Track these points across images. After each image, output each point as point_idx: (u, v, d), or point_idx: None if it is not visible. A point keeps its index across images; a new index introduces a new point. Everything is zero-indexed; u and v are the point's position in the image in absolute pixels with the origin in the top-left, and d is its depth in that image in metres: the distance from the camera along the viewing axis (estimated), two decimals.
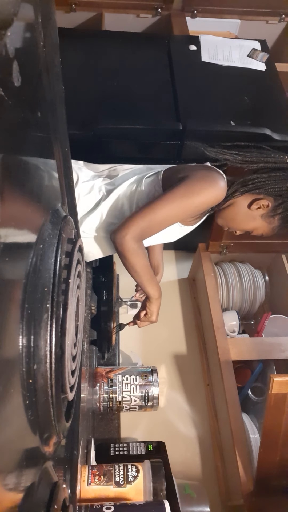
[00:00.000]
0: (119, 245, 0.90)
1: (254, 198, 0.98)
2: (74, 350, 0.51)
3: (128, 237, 0.89)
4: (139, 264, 0.94)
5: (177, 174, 0.96)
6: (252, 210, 0.99)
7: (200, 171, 0.95)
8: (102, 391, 1.14)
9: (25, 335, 0.36)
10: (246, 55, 1.68)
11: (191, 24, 1.94)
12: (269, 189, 0.96)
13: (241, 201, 0.99)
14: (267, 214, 0.99)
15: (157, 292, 1.03)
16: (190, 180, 0.91)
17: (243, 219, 1.01)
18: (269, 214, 0.99)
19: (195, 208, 0.93)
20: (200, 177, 0.92)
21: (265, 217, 0.99)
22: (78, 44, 1.64)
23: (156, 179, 0.99)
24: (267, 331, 1.52)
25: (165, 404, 1.44)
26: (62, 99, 0.52)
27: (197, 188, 0.91)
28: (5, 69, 0.31)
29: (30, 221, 0.40)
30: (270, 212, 0.98)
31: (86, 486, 0.86)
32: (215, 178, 0.93)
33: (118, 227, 0.91)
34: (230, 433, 1.20)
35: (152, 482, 0.87)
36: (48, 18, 0.43)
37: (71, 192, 0.61)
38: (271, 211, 0.98)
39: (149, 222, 0.90)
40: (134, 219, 0.90)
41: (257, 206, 0.98)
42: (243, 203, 0.99)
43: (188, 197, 0.90)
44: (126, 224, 0.90)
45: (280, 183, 0.96)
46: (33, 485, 0.40)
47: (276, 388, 0.90)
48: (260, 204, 0.97)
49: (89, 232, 1.04)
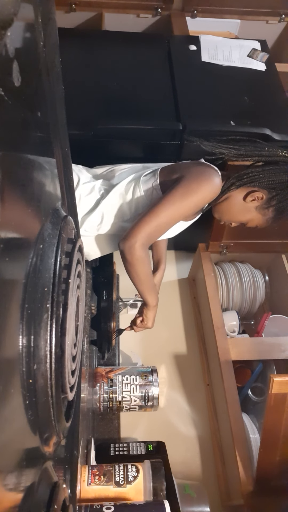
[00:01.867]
0: (128, 253, 0.92)
1: (249, 190, 1.02)
2: (74, 350, 0.51)
3: (138, 245, 0.91)
4: (144, 272, 0.96)
5: (174, 173, 0.99)
6: (247, 202, 1.03)
7: (195, 169, 0.98)
8: (102, 391, 1.14)
9: (25, 335, 0.36)
10: (246, 55, 1.67)
11: (191, 24, 1.94)
12: (263, 182, 1.00)
13: (236, 194, 1.03)
14: (262, 206, 1.03)
15: (155, 300, 1.07)
16: (186, 180, 0.95)
17: (239, 211, 1.05)
18: (264, 206, 1.02)
19: (194, 206, 0.96)
20: (196, 175, 0.96)
21: (260, 209, 1.03)
22: (78, 44, 1.64)
23: (153, 178, 1.01)
24: (267, 331, 1.52)
25: (165, 404, 1.44)
26: (62, 99, 0.52)
27: (195, 186, 0.94)
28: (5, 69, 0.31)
29: (30, 221, 0.40)
30: (265, 204, 1.02)
31: (86, 486, 0.86)
32: (210, 175, 0.96)
33: (125, 235, 0.93)
34: (230, 433, 1.20)
35: (152, 482, 0.87)
36: (48, 18, 0.43)
37: (71, 192, 0.61)
38: (265, 203, 1.02)
39: (155, 227, 0.92)
40: (140, 226, 0.92)
41: (252, 199, 1.02)
42: (238, 196, 1.03)
43: (187, 196, 0.93)
44: (133, 232, 0.92)
45: (273, 176, 0.99)
46: (33, 485, 0.40)
47: (276, 388, 0.90)
48: (255, 196, 1.01)
49: (89, 231, 1.05)
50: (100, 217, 1.02)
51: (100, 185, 1.04)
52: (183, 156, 1.39)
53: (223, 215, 1.09)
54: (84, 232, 1.05)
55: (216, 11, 1.98)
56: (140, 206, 1.01)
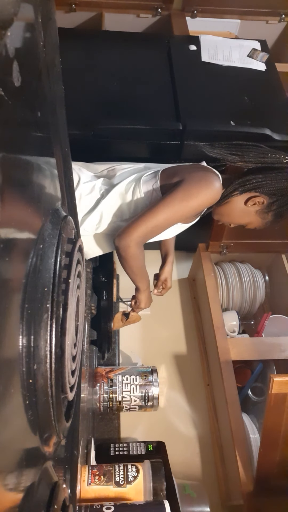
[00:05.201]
0: (122, 251, 0.95)
1: (251, 195, 1.03)
2: (74, 350, 0.51)
3: (132, 244, 0.94)
4: (137, 266, 1.00)
5: (175, 176, 0.99)
6: (248, 207, 1.04)
7: (196, 173, 0.99)
8: (102, 391, 1.14)
9: (25, 335, 0.36)
10: (246, 55, 1.67)
11: (191, 24, 1.94)
12: (265, 188, 1.01)
13: (237, 198, 1.04)
14: (262, 211, 1.04)
15: (145, 284, 1.11)
16: (187, 184, 0.96)
17: (239, 215, 1.07)
18: (264, 210, 1.04)
19: (193, 210, 0.98)
20: (197, 180, 0.97)
21: (260, 213, 1.05)
22: (78, 44, 1.63)
23: (154, 179, 1.02)
24: (267, 331, 1.52)
25: (165, 404, 1.44)
26: (62, 99, 0.52)
27: (195, 191, 0.95)
28: (5, 69, 0.31)
29: (30, 221, 0.40)
30: (265, 208, 1.04)
31: (86, 486, 0.86)
32: (211, 180, 0.97)
33: (121, 233, 0.95)
34: (230, 433, 1.20)
35: (152, 482, 0.87)
36: (48, 18, 0.43)
37: (71, 192, 0.61)
38: (265, 208, 1.04)
39: (151, 227, 0.94)
40: (137, 225, 0.93)
41: (253, 203, 1.03)
42: (239, 200, 1.04)
43: (186, 200, 0.95)
44: (129, 230, 0.94)
45: (276, 183, 1.01)
46: (33, 485, 0.40)
47: (276, 388, 0.90)
48: (256, 201, 1.03)
49: (89, 230, 1.07)
50: (99, 216, 1.03)
51: (100, 185, 1.05)
52: (183, 156, 1.39)
53: (222, 217, 1.11)
54: (83, 232, 1.06)
55: (216, 11, 1.98)
56: (139, 207, 1.02)
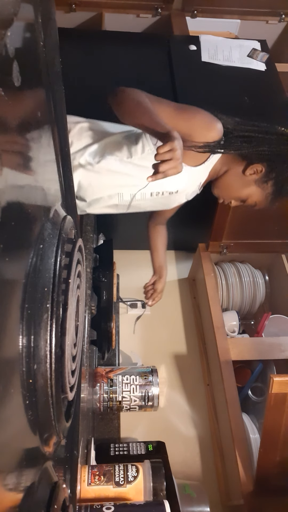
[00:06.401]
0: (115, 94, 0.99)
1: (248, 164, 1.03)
2: (74, 350, 0.51)
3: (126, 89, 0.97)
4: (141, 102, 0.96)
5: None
6: (247, 176, 1.03)
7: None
8: (102, 391, 1.14)
9: (25, 335, 0.36)
10: (246, 55, 1.67)
11: (191, 24, 1.94)
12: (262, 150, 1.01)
13: (235, 167, 1.04)
14: (261, 180, 1.03)
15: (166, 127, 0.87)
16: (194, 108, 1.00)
17: (238, 186, 1.06)
18: (263, 179, 1.03)
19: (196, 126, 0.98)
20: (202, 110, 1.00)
21: (259, 183, 1.04)
22: (78, 44, 1.64)
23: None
24: (267, 331, 1.52)
25: (165, 404, 1.44)
26: (62, 99, 0.52)
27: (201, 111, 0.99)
28: (5, 69, 0.31)
29: (30, 221, 0.40)
30: (264, 177, 1.03)
31: (86, 486, 0.86)
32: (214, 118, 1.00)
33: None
34: (230, 433, 1.20)
35: (152, 482, 0.87)
36: (48, 18, 0.43)
37: (71, 192, 0.61)
38: (264, 176, 1.03)
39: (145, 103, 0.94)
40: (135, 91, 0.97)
41: (251, 172, 1.02)
42: (237, 169, 1.04)
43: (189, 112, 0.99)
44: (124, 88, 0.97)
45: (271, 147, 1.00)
46: (33, 485, 0.40)
47: (276, 388, 0.90)
48: (254, 169, 1.02)
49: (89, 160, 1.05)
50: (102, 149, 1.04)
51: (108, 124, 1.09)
52: None
53: (222, 191, 1.10)
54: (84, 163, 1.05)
55: (216, 11, 1.98)
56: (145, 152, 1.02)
